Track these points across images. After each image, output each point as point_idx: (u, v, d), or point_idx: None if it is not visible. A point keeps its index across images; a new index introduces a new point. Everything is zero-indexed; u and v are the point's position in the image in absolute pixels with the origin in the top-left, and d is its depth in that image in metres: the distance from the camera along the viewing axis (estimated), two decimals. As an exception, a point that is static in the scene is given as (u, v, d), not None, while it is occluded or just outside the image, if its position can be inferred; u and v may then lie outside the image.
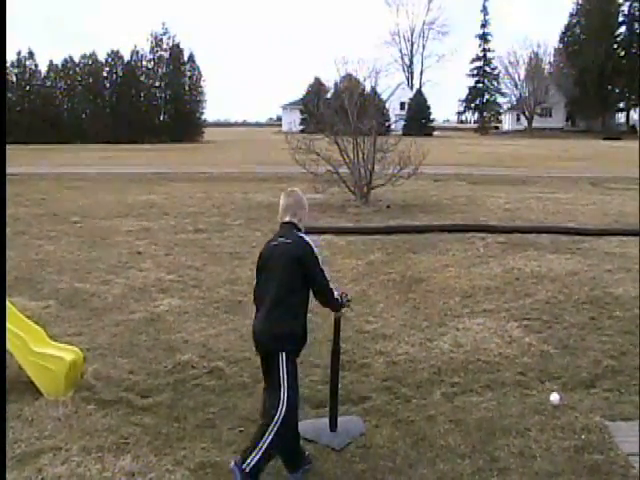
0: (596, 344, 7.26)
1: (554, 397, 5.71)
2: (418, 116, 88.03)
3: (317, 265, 4.69)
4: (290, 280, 4.57)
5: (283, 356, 4.48)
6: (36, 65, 72.55)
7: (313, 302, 4.81)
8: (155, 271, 10.62)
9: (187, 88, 77.65)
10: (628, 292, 9.27)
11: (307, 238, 4.69)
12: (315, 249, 4.68)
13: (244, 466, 4.26)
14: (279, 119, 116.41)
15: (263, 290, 4.68)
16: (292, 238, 4.67)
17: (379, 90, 24.56)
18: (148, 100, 76.03)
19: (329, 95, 25.58)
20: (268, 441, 4.34)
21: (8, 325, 5.84)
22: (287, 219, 4.81)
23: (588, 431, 5.22)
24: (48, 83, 72.86)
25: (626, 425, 5.30)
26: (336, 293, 4.95)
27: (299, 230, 4.79)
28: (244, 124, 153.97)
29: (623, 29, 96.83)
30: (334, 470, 4.78)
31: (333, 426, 5.21)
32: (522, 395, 5.93)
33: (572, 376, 6.36)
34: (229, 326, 7.89)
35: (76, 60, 73.68)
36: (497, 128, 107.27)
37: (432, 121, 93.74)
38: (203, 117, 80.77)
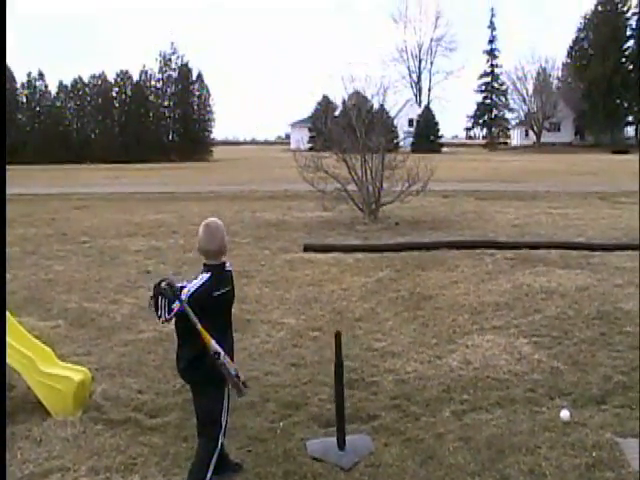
0: (606, 360, 7.21)
1: (564, 414, 5.67)
2: (426, 132, 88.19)
3: None
4: None
5: None
6: (46, 86, 73.26)
7: (320, 322, 4.77)
8: (164, 290, 10.60)
9: (196, 107, 78.13)
10: (638, 307, 9.21)
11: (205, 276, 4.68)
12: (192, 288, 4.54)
13: None
14: (287, 137, 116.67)
15: None
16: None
17: (387, 107, 24.57)
18: (157, 119, 76.52)
19: (337, 113, 25.57)
20: None
21: (17, 345, 5.85)
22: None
23: (599, 448, 5.18)
24: (58, 103, 73.37)
25: (637, 442, 5.25)
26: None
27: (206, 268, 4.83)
28: (253, 142, 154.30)
29: (631, 43, 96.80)
30: (343, 489, 4.75)
31: (341, 445, 5.18)
32: (532, 412, 5.89)
33: (582, 392, 6.31)
34: (237, 345, 7.77)
35: (85, 80, 74.25)
36: (506, 144, 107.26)
37: (440, 137, 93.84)
38: (212, 136, 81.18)
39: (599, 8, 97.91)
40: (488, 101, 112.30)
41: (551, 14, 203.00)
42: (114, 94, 75.18)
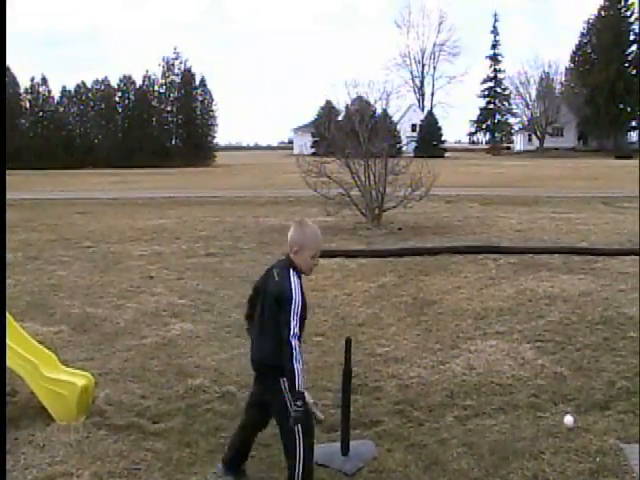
0: (610, 365, 7.20)
1: (568, 419, 5.65)
2: (429, 137, 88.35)
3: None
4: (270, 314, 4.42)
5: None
6: (49, 91, 73.46)
7: (323, 327, 4.77)
8: (167, 295, 10.62)
9: (199, 112, 78.36)
10: (641, 312, 9.20)
11: (294, 280, 4.38)
12: (295, 296, 4.30)
13: None
14: (290, 142, 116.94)
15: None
16: (282, 275, 4.44)
17: (390, 112, 24.59)
18: (160, 124, 76.73)
19: (340, 118, 25.58)
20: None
21: (20, 350, 5.85)
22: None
23: (603, 454, 5.16)
24: (61, 109, 73.54)
25: (641, 447, 5.24)
26: (297, 368, 4.24)
27: (293, 268, 4.45)
28: (255, 147, 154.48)
29: (634, 48, 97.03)
30: (346, 495, 4.74)
31: (345, 450, 5.17)
32: (535, 417, 5.88)
33: (586, 398, 6.29)
34: (241, 350, 7.85)
35: (89, 85, 74.44)
36: (509, 148, 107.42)
37: (443, 142, 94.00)
38: (215, 141, 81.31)
39: (602, 13, 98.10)
40: (491, 106, 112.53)
41: (554, 19, 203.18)
42: (117, 99, 75.51)
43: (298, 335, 4.27)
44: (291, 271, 4.40)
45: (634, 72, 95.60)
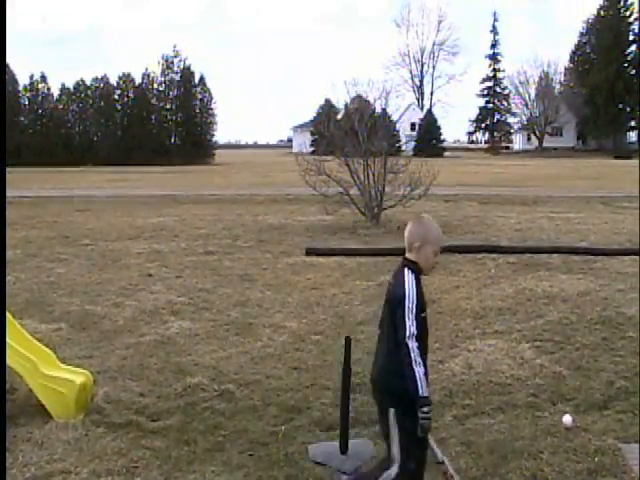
0: (609, 365, 7.20)
1: (567, 419, 5.65)
2: (429, 137, 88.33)
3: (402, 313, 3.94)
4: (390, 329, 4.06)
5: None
6: (48, 88, 73.32)
7: (322, 326, 4.76)
8: (166, 293, 10.62)
9: (198, 110, 78.31)
10: (640, 312, 9.20)
11: (409, 278, 4.04)
12: (408, 292, 3.97)
13: None
14: (289, 141, 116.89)
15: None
16: (395, 278, 4.10)
17: (389, 111, 24.56)
18: (159, 122, 76.71)
19: (339, 116, 25.57)
20: None
21: (18, 348, 5.84)
22: (406, 253, 4.19)
23: (601, 453, 5.16)
24: (60, 106, 73.44)
25: (639, 447, 5.24)
26: (418, 372, 3.86)
27: (410, 268, 4.10)
28: (255, 146, 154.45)
29: (633, 48, 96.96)
30: (345, 494, 4.74)
31: (344, 449, 5.17)
32: (534, 417, 5.88)
33: (585, 398, 6.29)
34: (239, 349, 7.87)
35: (88, 83, 74.34)
36: (508, 148, 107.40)
37: (443, 141, 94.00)
38: (214, 139, 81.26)
39: (601, 13, 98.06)
40: (490, 105, 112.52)
41: (554, 19, 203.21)
42: (116, 97, 75.38)
43: (416, 335, 3.88)
44: (406, 269, 4.07)
45: (633, 72, 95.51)
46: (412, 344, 3.84)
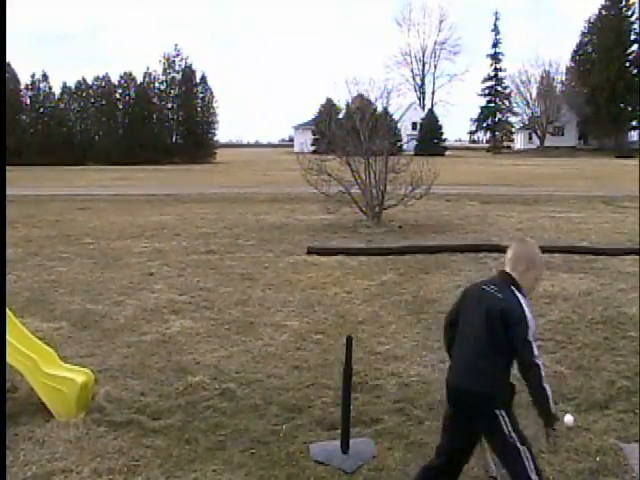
0: (610, 364, 7.20)
1: (568, 419, 5.64)
2: (430, 136, 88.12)
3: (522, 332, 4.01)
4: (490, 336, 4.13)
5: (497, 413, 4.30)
6: (50, 87, 73.18)
7: (323, 325, 4.75)
8: (167, 292, 10.62)
9: (199, 109, 78.16)
10: (641, 312, 9.20)
11: (523, 299, 4.03)
12: (528, 314, 3.98)
13: None
14: (291, 140, 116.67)
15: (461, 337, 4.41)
16: (504, 293, 4.06)
17: (391, 110, 24.58)
18: (160, 121, 76.57)
19: (341, 116, 25.59)
20: None
21: (20, 346, 5.84)
22: (507, 269, 4.17)
23: (603, 453, 5.16)
24: (61, 105, 73.36)
25: (641, 447, 5.24)
26: (549, 390, 4.19)
27: (517, 287, 4.08)
28: (256, 145, 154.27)
29: (635, 47, 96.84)
30: (346, 493, 4.74)
31: (345, 448, 5.17)
32: (535, 416, 5.86)
33: (586, 397, 6.29)
34: (240, 347, 7.87)
35: (89, 82, 74.27)
36: (509, 147, 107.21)
37: (444, 141, 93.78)
38: (215, 138, 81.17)
39: (603, 12, 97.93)
40: (492, 105, 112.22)
41: (555, 18, 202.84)
42: (118, 96, 75.22)
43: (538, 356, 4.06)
44: (513, 289, 4.06)
45: (635, 72, 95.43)
46: (541, 363, 4.11)
